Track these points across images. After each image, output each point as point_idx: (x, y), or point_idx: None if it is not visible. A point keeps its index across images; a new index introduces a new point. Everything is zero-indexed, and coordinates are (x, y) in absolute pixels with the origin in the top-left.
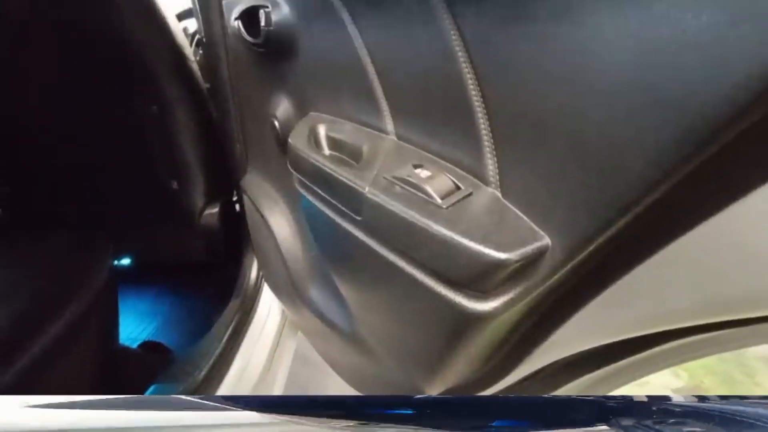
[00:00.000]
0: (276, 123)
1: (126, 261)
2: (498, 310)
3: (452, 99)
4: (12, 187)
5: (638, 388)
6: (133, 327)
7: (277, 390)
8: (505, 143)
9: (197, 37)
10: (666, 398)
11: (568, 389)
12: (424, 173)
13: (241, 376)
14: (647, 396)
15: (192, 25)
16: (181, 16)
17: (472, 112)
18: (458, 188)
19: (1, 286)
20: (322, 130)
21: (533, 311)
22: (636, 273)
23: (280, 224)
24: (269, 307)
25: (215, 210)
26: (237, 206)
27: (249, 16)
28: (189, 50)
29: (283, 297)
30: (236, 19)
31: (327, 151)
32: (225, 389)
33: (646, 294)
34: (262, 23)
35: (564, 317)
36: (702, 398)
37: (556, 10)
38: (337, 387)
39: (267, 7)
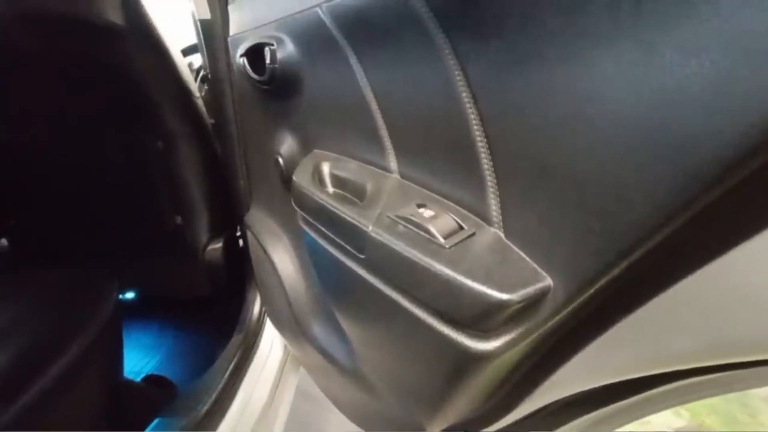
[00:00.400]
0: (280, 160)
1: (130, 294)
2: (499, 350)
3: (456, 139)
4: (18, 220)
5: (640, 427)
6: (137, 360)
7: (279, 425)
8: (508, 183)
9: (202, 73)
10: None
11: (570, 428)
12: (427, 213)
13: (243, 411)
14: None
15: (197, 60)
16: (186, 52)
17: (476, 152)
18: (461, 228)
19: (7, 322)
20: (326, 168)
21: (534, 351)
22: (638, 315)
23: (283, 260)
24: (271, 343)
25: (219, 245)
26: (240, 242)
27: (254, 53)
28: (194, 86)
29: (285, 332)
30: (242, 56)
31: (331, 189)
32: (227, 424)
33: (647, 336)
34: (267, 61)
35: (565, 357)
36: None
37: (560, 54)
38: (339, 423)
39: (272, 44)
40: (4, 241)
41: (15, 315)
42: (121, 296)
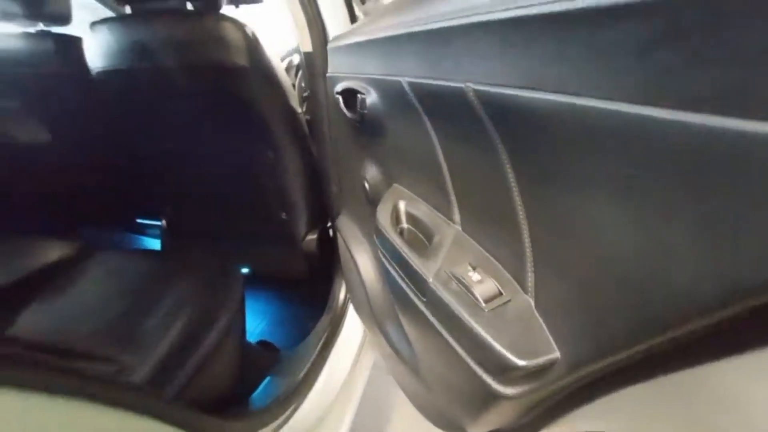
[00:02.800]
0: (366, 185)
1: (244, 270)
2: (516, 395)
3: (505, 215)
4: (172, 207)
5: None
6: (250, 322)
7: (357, 394)
8: (542, 265)
9: (304, 93)
10: None
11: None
12: (475, 276)
13: (330, 379)
14: None
15: (296, 58)
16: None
17: (520, 232)
18: (500, 294)
19: (175, 300)
20: (402, 206)
21: (542, 401)
22: (630, 391)
23: (365, 263)
24: (353, 325)
25: (314, 237)
26: (330, 234)
27: (347, 93)
28: (299, 107)
29: (364, 319)
30: (337, 93)
31: (405, 225)
32: (318, 388)
33: (639, 408)
34: (359, 106)
35: (566, 410)
36: None
37: (582, 189)
38: (406, 399)
39: (363, 93)
40: (163, 222)
41: (180, 294)
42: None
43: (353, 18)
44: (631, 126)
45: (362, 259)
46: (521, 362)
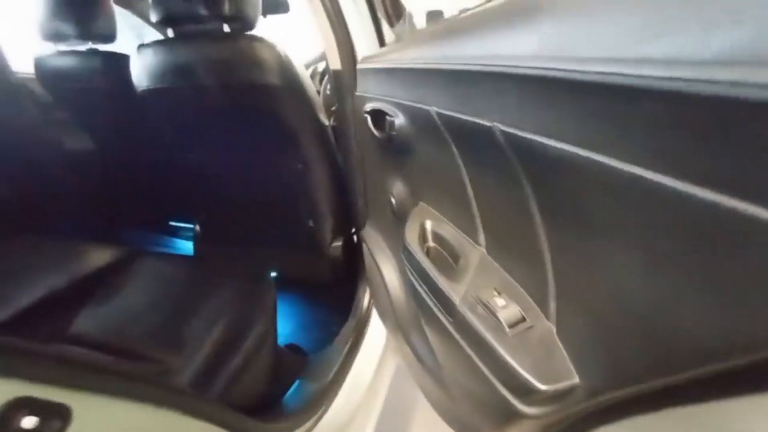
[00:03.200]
0: (392, 200)
1: (273, 274)
2: (536, 415)
3: (530, 244)
4: (206, 213)
5: None
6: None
7: (381, 396)
8: (563, 296)
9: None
10: None
11: None
12: (500, 302)
13: (356, 383)
14: None
15: (320, 66)
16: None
17: (544, 261)
18: (524, 319)
19: (217, 306)
20: (428, 225)
21: (562, 421)
22: (643, 418)
23: (390, 274)
24: (376, 330)
25: (339, 244)
26: (354, 241)
27: (376, 114)
28: (326, 120)
29: (388, 326)
30: (366, 113)
31: (431, 243)
32: (344, 392)
33: None
34: (387, 128)
35: (591, 428)
36: None
37: (603, 234)
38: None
39: (391, 116)
40: (197, 227)
41: (219, 300)
42: None
43: (381, 39)
44: (647, 189)
45: (387, 270)
46: (543, 386)
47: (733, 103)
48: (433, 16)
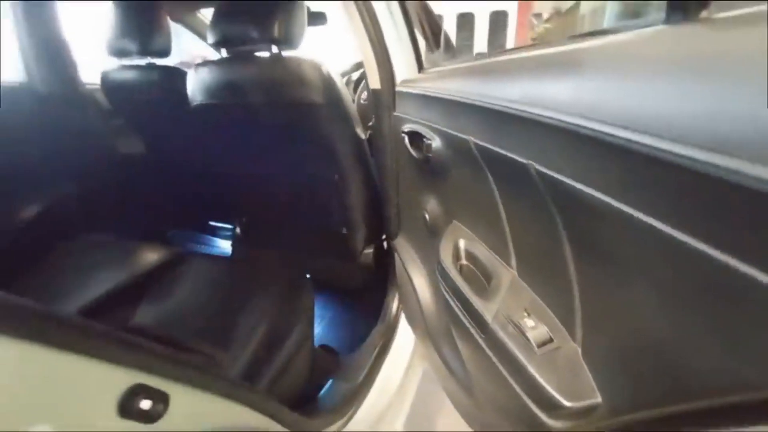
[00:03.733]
0: (426, 216)
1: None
2: (560, 429)
3: (558, 271)
4: (247, 219)
5: None
6: None
7: (408, 399)
8: (588, 322)
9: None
10: None
11: None
12: (530, 322)
13: (384, 386)
14: None
15: (354, 75)
16: (346, 73)
17: (572, 289)
18: (551, 340)
19: (258, 307)
20: (462, 244)
21: None
22: None
23: (421, 285)
24: (405, 335)
25: (370, 251)
26: (385, 248)
27: (413, 134)
28: (363, 134)
29: (417, 332)
30: (404, 133)
31: (464, 261)
32: (374, 393)
33: None
34: (425, 150)
35: None
36: None
37: (627, 271)
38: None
39: (428, 138)
40: (237, 230)
41: (263, 301)
42: None
43: (420, 63)
44: (665, 240)
45: (418, 280)
46: (568, 403)
47: (736, 188)
48: (464, 18)
